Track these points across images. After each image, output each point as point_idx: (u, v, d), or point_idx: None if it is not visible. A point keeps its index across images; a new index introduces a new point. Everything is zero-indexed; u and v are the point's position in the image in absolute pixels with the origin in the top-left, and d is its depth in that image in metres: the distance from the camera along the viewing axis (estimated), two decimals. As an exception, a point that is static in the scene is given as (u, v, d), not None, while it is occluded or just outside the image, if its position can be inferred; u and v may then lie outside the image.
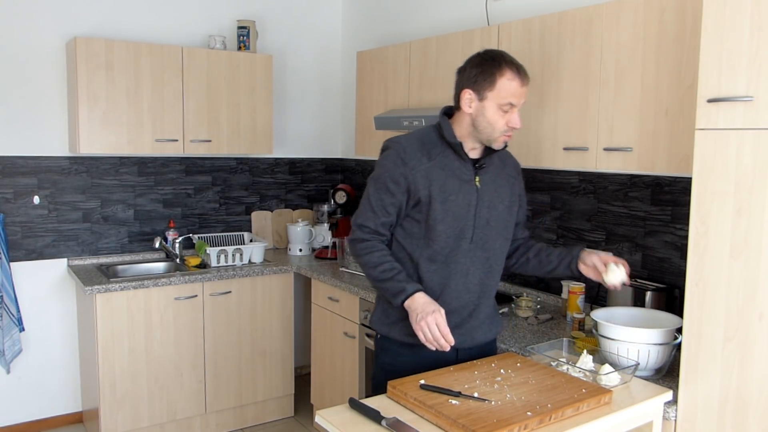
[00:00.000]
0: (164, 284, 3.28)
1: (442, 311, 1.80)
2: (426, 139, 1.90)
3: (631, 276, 2.55)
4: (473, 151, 1.92)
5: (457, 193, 1.87)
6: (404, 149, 1.86)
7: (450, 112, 1.94)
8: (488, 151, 1.92)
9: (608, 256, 1.93)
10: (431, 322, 1.76)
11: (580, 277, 2.03)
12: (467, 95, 1.85)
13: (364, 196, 1.94)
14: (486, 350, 2.03)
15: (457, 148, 1.87)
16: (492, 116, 1.82)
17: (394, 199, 1.86)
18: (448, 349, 1.79)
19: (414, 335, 1.84)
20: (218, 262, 3.58)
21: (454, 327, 1.89)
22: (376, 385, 2.01)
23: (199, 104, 3.56)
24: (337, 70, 4.45)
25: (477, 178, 1.90)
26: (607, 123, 2.26)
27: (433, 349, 1.80)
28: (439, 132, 1.90)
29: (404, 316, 1.88)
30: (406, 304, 1.82)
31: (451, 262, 1.89)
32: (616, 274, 1.89)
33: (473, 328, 1.96)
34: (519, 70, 1.82)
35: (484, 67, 1.82)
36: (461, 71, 1.90)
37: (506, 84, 1.80)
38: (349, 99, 4.36)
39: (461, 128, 1.89)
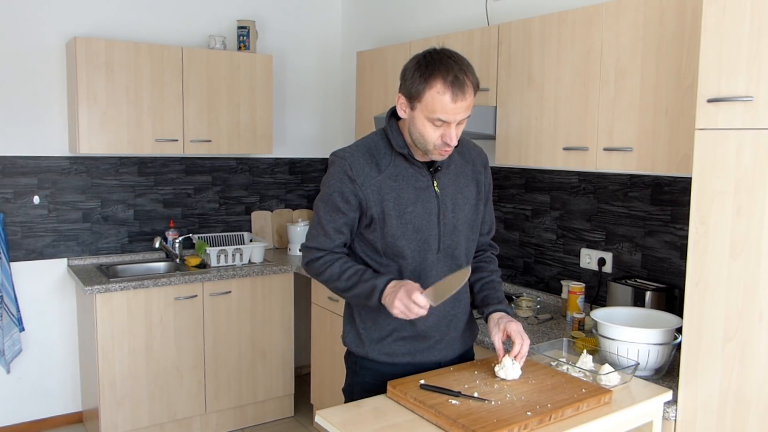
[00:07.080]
0: (164, 284, 3.28)
1: (410, 284, 1.63)
2: (374, 148, 1.74)
3: (631, 276, 2.56)
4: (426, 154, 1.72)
5: (415, 204, 1.71)
6: (350, 165, 1.69)
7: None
8: None
9: (517, 346, 1.73)
10: (398, 304, 1.60)
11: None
12: (401, 100, 1.66)
13: (314, 217, 1.79)
14: (466, 358, 1.95)
15: (407, 156, 1.71)
16: (422, 128, 1.63)
17: (347, 218, 1.72)
18: (424, 312, 1.59)
19: (393, 354, 1.79)
20: (218, 262, 3.58)
21: (435, 343, 1.83)
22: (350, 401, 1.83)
23: (199, 104, 3.56)
24: (337, 70, 4.45)
25: (435, 183, 1.74)
26: (607, 123, 2.26)
27: (413, 316, 1.61)
28: (386, 138, 1.74)
29: (380, 336, 1.81)
30: (383, 300, 1.66)
31: (420, 276, 1.75)
32: (508, 369, 1.72)
33: (454, 339, 1.87)
34: (454, 83, 1.56)
35: (418, 73, 1.59)
36: (402, 71, 1.67)
37: (435, 98, 1.57)
38: (349, 99, 4.36)
39: (408, 131, 1.71)
